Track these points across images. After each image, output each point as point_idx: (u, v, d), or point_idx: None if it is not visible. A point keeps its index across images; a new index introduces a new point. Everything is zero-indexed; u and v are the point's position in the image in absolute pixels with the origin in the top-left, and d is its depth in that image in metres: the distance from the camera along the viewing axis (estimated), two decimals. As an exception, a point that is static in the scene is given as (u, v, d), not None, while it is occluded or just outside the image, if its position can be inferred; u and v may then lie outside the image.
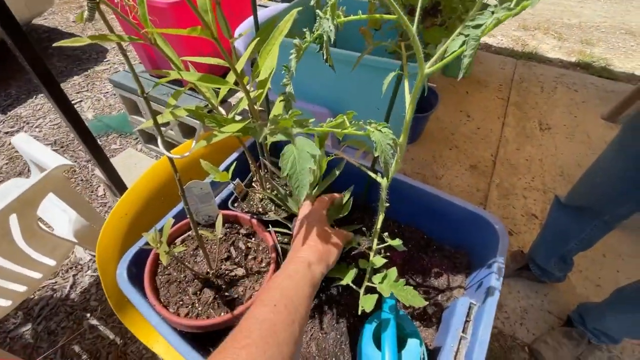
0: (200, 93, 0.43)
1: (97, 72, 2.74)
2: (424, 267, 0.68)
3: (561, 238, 1.09)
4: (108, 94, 2.49)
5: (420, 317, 0.61)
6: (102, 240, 0.61)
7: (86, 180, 1.86)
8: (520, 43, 3.14)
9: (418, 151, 1.91)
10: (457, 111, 2.20)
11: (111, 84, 1.66)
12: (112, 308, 0.62)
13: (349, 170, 0.73)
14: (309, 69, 0.85)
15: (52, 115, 2.29)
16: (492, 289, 0.49)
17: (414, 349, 0.43)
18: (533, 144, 1.99)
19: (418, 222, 0.74)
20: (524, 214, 1.59)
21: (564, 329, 1.12)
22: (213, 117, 0.39)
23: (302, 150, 0.29)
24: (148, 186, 0.71)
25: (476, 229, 0.61)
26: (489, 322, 0.46)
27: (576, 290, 1.31)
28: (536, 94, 2.40)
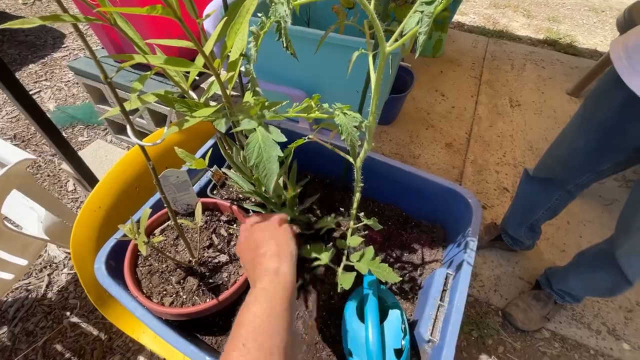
0: (169, 78, 0.41)
1: (55, 60, 2.55)
2: (404, 243, 0.71)
3: (530, 208, 1.16)
4: (70, 83, 2.33)
5: (400, 290, 0.64)
6: (75, 235, 0.59)
7: (53, 175, 1.76)
8: (492, 21, 3.19)
9: (395, 132, 1.94)
10: (432, 91, 2.23)
11: (72, 71, 1.56)
12: (94, 304, 0.61)
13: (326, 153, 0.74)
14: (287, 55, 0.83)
15: (8, 107, 2.13)
16: (466, 259, 0.52)
17: (395, 320, 0.45)
18: (504, 121, 2.06)
19: (397, 200, 0.76)
20: (496, 188, 1.67)
21: (533, 292, 1.21)
22: (184, 102, 0.38)
23: (268, 138, 0.29)
24: (121, 177, 0.68)
25: (451, 203, 0.64)
26: (464, 290, 0.49)
27: (544, 256, 1.41)
28: (507, 71, 2.47)
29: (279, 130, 0.29)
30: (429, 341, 0.49)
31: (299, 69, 1.13)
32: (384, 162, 0.67)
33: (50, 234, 0.96)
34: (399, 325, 0.44)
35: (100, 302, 0.61)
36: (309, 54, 0.83)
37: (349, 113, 0.34)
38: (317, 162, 0.82)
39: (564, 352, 1.16)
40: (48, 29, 2.85)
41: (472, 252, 0.53)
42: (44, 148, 1.89)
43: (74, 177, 1.65)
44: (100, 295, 0.61)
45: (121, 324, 0.62)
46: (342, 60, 1.06)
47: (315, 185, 0.84)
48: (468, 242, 0.54)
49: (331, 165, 0.78)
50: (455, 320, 0.45)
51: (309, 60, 1.06)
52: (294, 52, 0.32)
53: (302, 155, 0.76)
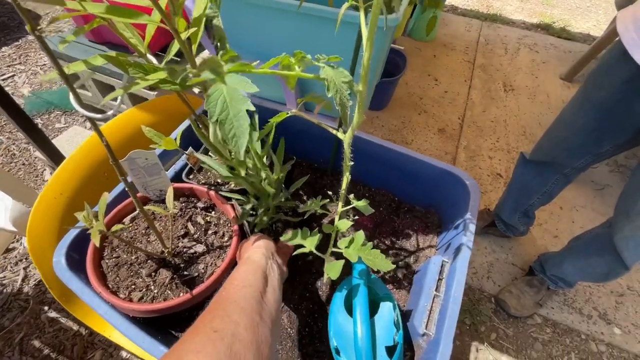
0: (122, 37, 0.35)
1: (29, 42, 2.41)
2: (396, 229, 0.67)
3: (525, 193, 1.13)
4: (45, 67, 2.21)
5: (392, 279, 0.60)
6: (32, 225, 0.53)
7: (29, 164, 1.67)
8: (485, 4, 3.12)
9: (388, 117, 1.89)
10: (425, 75, 2.18)
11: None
12: (57, 300, 0.55)
13: (314, 134, 0.68)
14: (267, 25, 0.76)
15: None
16: (465, 242, 0.48)
17: (387, 313, 0.41)
18: (498, 106, 2.02)
19: (389, 185, 0.72)
20: (489, 173, 1.64)
21: (526, 278, 1.19)
22: (139, 66, 0.32)
23: (234, 90, 0.23)
24: (86, 161, 0.62)
25: (447, 186, 0.59)
26: (461, 279, 0.45)
27: (537, 242, 1.39)
28: (500, 55, 2.42)
29: (249, 81, 0.23)
30: (424, 334, 0.45)
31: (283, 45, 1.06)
32: (375, 142, 0.62)
33: (19, 225, 0.89)
34: (391, 320, 0.40)
35: (65, 299, 0.56)
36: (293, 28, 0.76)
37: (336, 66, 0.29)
38: (304, 145, 0.76)
39: (555, 337, 1.15)
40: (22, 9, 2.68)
41: (471, 236, 0.48)
42: (18, 135, 1.79)
43: (49, 166, 1.56)
44: (63, 291, 0.55)
45: (90, 321, 0.56)
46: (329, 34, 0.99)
47: (302, 169, 0.78)
48: (467, 225, 0.49)
49: (319, 148, 0.73)
50: (452, 312, 0.42)
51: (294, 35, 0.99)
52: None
53: (287, 137, 0.71)
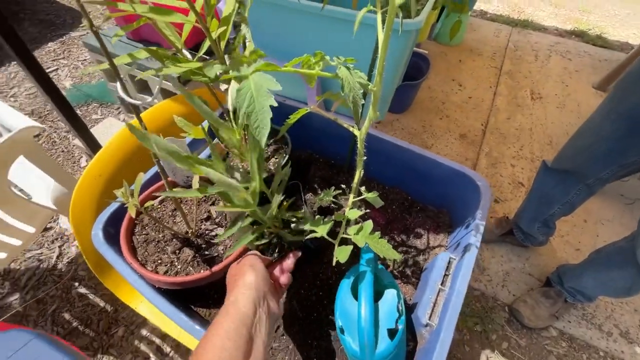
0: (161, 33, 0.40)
1: (73, 39, 2.58)
2: (407, 227, 0.68)
3: (546, 202, 1.11)
4: (86, 62, 2.36)
5: (401, 274, 0.61)
6: (75, 201, 0.59)
7: (67, 151, 1.80)
8: (517, 10, 3.05)
9: (408, 121, 1.89)
10: (449, 80, 2.16)
11: (86, 47, 1.57)
12: (92, 270, 0.61)
13: (332, 132, 0.71)
14: (291, 25, 0.80)
15: (27, 84, 2.17)
16: (473, 242, 0.49)
17: (391, 299, 0.43)
18: (524, 113, 1.98)
19: (403, 184, 0.73)
20: (510, 182, 1.61)
21: (542, 289, 1.17)
22: (175, 59, 0.36)
23: (261, 86, 0.26)
24: (122, 147, 0.68)
25: (459, 187, 0.60)
26: (466, 274, 0.46)
27: (557, 254, 1.35)
28: (530, 62, 2.36)
29: (274, 79, 0.27)
30: (427, 325, 0.47)
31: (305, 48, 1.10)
32: (390, 141, 0.64)
33: (58, 204, 0.98)
34: (395, 305, 0.42)
35: (99, 270, 0.62)
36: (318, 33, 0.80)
37: (352, 67, 0.32)
38: (322, 143, 0.79)
39: (571, 352, 1.12)
40: (67, 9, 2.88)
41: (479, 236, 0.50)
42: (59, 124, 1.93)
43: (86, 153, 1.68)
44: (99, 263, 0.61)
45: (119, 293, 0.62)
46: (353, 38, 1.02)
47: (319, 166, 0.81)
48: (477, 225, 0.51)
49: (337, 146, 0.76)
50: (455, 305, 0.43)
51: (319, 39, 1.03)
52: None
53: (307, 134, 0.74)
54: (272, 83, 0.27)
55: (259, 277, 0.42)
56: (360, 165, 0.45)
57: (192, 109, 0.84)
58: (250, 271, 0.43)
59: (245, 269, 0.43)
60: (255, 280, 0.41)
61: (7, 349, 0.43)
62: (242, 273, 0.43)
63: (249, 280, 0.41)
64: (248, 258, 0.46)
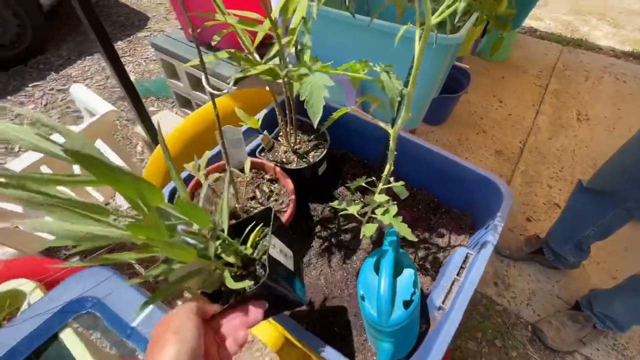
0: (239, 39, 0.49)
1: (138, 38, 2.88)
2: (431, 227, 0.73)
3: (579, 223, 1.09)
4: (148, 59, 2.62)
5: (421, 267, 0.66)
6: (147, 170, 0.71)
7: (126, 137, 2.01)
8: (570, 28, 2.94)
9: (444, 133, 1.90)
10: (490, 96, 2.14)
11: (152, 47, 1.77)
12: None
13: (367, 132, 0.78)
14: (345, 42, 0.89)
15: (98, 77, 2.46)
16: (490, 240, 0.53)
17: (408, 277, 0.48)
18: (567, 134, 1.91)
19: (430, 186, 0.78)
20: (546, 202, 1.57)
21: (570, 312, 1.14)
22: (248, 60, 0.45)
23: (319, 82, 0.35)
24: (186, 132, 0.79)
25: (483, 192, 0.64)
26: (480, 267, 0.50)
27: (590, 280, 1.30)
28: (579, 83, 2.27)
29: (328, 77, 0.35)
30: (440, 308, 0.51)
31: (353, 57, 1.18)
32: (420, 144, 0.69)
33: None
34: (411, 282, 0.48)
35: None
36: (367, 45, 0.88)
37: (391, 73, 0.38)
38: (357, 143, 0.86)
39: (597, 381, 1.08)
40: (136, 12, 3.20)
41: (496, 235, 0.54)
42: (121, 114, 2.16)
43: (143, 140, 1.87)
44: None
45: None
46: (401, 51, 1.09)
47: (353, 164, 0.88)
48: (495, 226, 0.55)
49: (370, 147, 0.82)
50: (467, 290, 0.47)
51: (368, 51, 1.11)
52: (353, 12, 0.38)
53: (344, 135, 0.82)
54: (327, 80, 0.35)
55: (181, 355, 0.30)
56: (391, 159, 0.51)
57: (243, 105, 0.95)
58: (171, 342, 0.31)
59: (166, 335, 0.31)
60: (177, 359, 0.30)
61: (93, 281, 0.54)
62: (162, 343, 0.31)
63: (168, 358, 0.30)
64: (178, 314, 0.34)
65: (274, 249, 0.41)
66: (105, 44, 1.07)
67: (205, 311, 0.36)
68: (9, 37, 2.33)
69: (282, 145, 0.76)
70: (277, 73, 0.42)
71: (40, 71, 2.43)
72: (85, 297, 0.51)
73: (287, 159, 0.74)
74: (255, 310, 0.38)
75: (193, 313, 0.34)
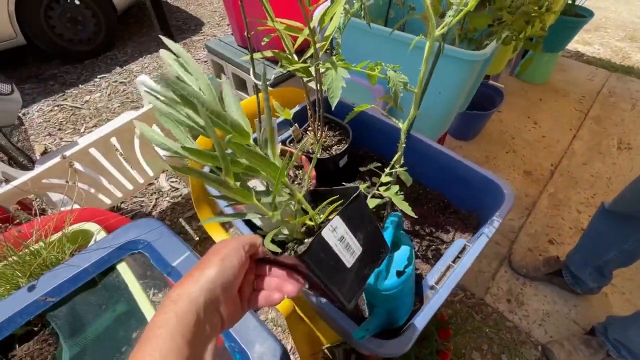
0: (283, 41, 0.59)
1: (193, 42, 3.16)
2: (438, 224, 0.79)
3: (601, 246, 1.07)
4: (199, 61, 2.87)
5: (423, 256, 0.72)
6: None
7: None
8: (622, 55, 2.82)
9: (472, 149, 1.92)
10: (524, 117, 2.12)
11: (206, 49, 1.97)
12: (193, 202, 0.85)
13: (385, 130, 0.86)
14: (372, 51, 0.98)
15: (154, 73, 2.73)
16: (486, 232, 0.58)
17: (403, 252, 0.55)
18: (605, 162, 1.85)
19: (441, 187, 0.84)
20: (572, 226, 1.53)
21: (583, 337, 1.11)
22: (288, 59, 0.55)
23: (339, 75, 0.44)
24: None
25: (488, 194, 0.69)
26: (474, 254, 0.56)
27: (613, 310, 1.26)
28: (624, 110, 2.19)
29: (346, 72, 0.44)
30: (432, 287, 0.57)
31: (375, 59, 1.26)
32: (431, 145, 0.76)
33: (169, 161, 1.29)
34: (406, 256, 0.54)
35: (197, 203, 0.85)
36: (391, 53, 0.96)
37: (397, 72, 0.47)
38: (377, 141, 0.94)
39: (608, 412, 1.04)
40: (193, 18, 3.52)
41: (492, 229, 0.59)
42: (172, 107, 2.39)
43: (188, 131, 2.07)
44: (198, 196, 0.84)
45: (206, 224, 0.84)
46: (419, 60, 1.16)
47: (372, 161, 0.96)
48: (492, 220, 0.60)
49: (390, 146, 0.90)
50: (457, 272, 0.53)
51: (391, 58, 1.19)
52: (369, 21, 0.47)
53: (363, 131, 0.90)
54: (345, 73, 0.44)
55: (218, 278, 0.33)
56: (401, 149, 0.59)
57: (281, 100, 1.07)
58: (214, 266, 0.34)
59: (213, 259, 0.35)
60: (213, 281, 0.33)
61: (145, 229, 0.66)
62: (206, 263, 0.34)
63: (206, 276, 0.33)
64: (230, 244, 0.36)
65: (332, 232, 0.37)
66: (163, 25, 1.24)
67: (256, 251, 0.38)
68: (87, 34, 2.68)
69: (309, 139, 0.86)
70: (309, 70, 0.51)
71: (108, 65, 2.75)
72: (138, 239, 0.63)
73: (312, 150, 0.83)
74: (292, 283, 0.38)
75: (243, 248, 0.36)
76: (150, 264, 0.60)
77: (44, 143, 2.09)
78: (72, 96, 2.44)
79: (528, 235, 1.50)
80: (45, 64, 2.74)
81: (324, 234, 0.36)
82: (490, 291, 1.31)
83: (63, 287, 0.56)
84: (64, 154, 0.84)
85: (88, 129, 2.19)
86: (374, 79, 0.49)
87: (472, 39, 1.08)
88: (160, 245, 0.62)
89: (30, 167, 1.23)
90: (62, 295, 0.55)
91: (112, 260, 0.61)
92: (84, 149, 0.88)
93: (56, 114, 2.30)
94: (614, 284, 1.29)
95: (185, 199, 1.74)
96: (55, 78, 2.61)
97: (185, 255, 0.60)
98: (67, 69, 2.70)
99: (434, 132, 1.13)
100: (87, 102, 2.39)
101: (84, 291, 0.58)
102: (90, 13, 2.65)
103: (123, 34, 3.14)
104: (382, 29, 0.87)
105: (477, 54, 0.84)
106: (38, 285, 0.56)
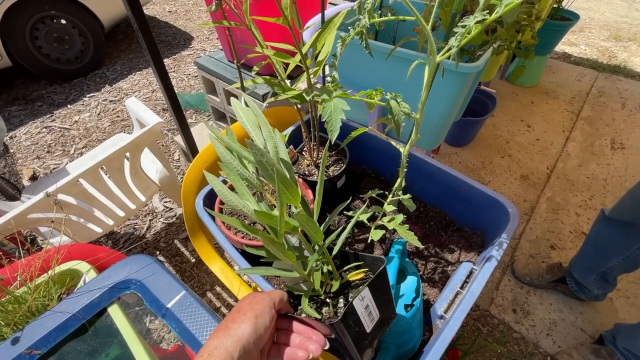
0: (274, 67, 0.58)
1: (182, 56, 3.14)
2: (442, 243, 0.76)
3: (603, 253, 1.06)
4: (190, 76, 2.85)
5: (429, 279, 0.70)
6: (186, 178, 0.80)
7: (166, 146, 2.19)
8: (608, 54, 2.87)
9: (467, 155, 1.91)
10: (517, 120, 2.13)
11: (196, 65, 1.95)
12: (187, 231, 0.81)
13: (385, 150, 0.84)
14: (367, 68, 0.96)
15: (145, 90, 2.70)
16: (495, 255, 0.56)
17: (411, 283, 0.52)
18: (599, 162, 1.86)
19: (443, 204, 0.82)
20: (572, 230, 1.52)
21: (592, 346, 1.09)
22: (280, 85, 0.53)
23: (338, 105, 0.42)
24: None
25: (492, 212, 0.68)
26: (482, 281, 0.53)
27: (619, 315, 1.25)
28: (615, 110, 2.21)
29: (345, 102, 0.42)
30: (441, 317, 0.55)
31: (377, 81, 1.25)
32: (432, 163, 0.74)
33: (162, 184, 1.26)
34: (413, 288, 0.52)
35: (192, 232, 0.82)
36: (387, 68, 0.95)
37: (400, 101, 0.45)
38: (375, 160, 0.92)
39: (621, 423, 1.02)
40: (182, 32, 3.51)
41: (500, 251, 0.57)
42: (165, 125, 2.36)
43: (181, 149, 2.04)
44: (193, 226, 0.81)
45: (201, 251, 0.81)
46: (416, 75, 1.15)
47: (370, 180, 0.94)
48: (501, 242, 0.58)
49: (387, 164, 0.88)
50: (467, 301, 0.51)
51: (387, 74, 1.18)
52: (371, 52, 0.45)
53: (364, 152, 0.88)
54: (344, 105, 0.42)
55: (252, 335, 0.35)
56: (402, 174, 0.57)
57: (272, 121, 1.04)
58: (250, 322, 0.36)
59: (248, 314, 0.37)
60: (247, 338, 0.35)
61: (138, 266, 0.63)
62: (242, 317, 0.36)
63: (242, 332, 0.35)
64: (263, 301, 0.38)
65: (361, 301, 0.40)
66: (156, 62, 1.22)
67: (281, 307, 0.41)
68: (74, 52, 2.65)
69: (305, 159, 0.84)
70: (304, 98, 0.49)
71: (97, 84, 2.72)
72: (130, 279, 0.60)
73: (309, 172, 0.81)
74: (315, 343, 0.39)
75: (273, 307, 0.39)
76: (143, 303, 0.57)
77: (32, 167, 2.04)
78: (60, 117, 2.39)
79: (529, 241, 1.49)
80: (33, 85, 2.69)
81: (355, 303, 0.39)
82: (495, 302, 1.29)
83: (50, 337, 0.53)
84: (47, 191, 0.81)
85: (78, 150, 2.15)
86: (373, 106, 0.47)
87: (465, 50, 1.08)
88: (153, 284, 0.59)
89: (17, 197, 1.19)
90: (50, 346, 0.52)
91: (103, 303, 0.57)
92: (72, 180, 0.85)
93: (44, 136, 2.25)
94: (619, 288, 1.27)
95: (179, 220, 1.70)
96: (43, 99, 2.56)
97: (181, 295, 0.57)
98: (55, 89, 2.66)
99: (430, 144, 1.12)
100: (77, 123, 2.35)
101: (73, 339, 0.55)
102: (77, 32, 2.62)
103: (111, 51, 3.11)
104: (377, 44, 0.86)
105: (471, 66, 0.83)
106: (22, 336, 0.53)
